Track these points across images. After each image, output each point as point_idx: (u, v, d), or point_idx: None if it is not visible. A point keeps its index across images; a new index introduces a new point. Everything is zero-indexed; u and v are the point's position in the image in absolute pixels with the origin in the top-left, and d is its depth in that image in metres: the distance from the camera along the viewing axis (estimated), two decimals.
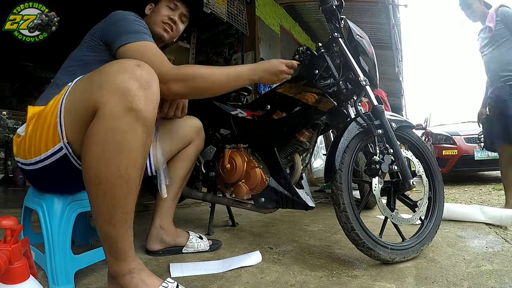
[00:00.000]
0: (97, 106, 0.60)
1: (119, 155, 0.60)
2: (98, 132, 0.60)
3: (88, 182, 0.63)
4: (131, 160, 0.61)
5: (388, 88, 7.16)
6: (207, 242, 1.17)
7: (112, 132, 0.59)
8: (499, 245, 1.18)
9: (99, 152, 0.60)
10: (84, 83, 0.68)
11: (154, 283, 0.68)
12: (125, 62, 0.63)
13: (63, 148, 0.69)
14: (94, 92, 0.61)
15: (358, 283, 0.85)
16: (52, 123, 0.69)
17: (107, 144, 0.59)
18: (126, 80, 0.60)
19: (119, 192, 0.61)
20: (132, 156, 0.61)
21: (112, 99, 0.59)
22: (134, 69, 0.62)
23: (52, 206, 0.82)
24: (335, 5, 1.09)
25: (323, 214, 1.97)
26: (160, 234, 1.11)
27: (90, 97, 0.62)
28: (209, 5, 2.72)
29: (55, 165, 0.71)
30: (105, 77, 0.62)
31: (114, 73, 0.61)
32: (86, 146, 0.62)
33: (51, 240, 0.80)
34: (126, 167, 0.61)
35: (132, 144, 0.61)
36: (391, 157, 1.00)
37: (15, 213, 0.94)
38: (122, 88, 0.59)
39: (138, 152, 0.62)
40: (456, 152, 4.08)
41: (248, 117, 1.28)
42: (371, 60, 1.12)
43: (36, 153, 0.73)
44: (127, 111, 0.59)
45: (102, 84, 0.61)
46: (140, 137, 0.62)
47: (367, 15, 3.92)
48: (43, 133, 0.71)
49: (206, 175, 1.38)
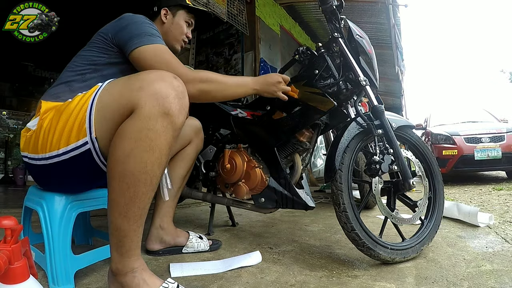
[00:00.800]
0: (135, 106, 0.65)
1: (149, 153, 0.64)
2: (133, 129, 0.64)
3: (113, 176, 0.66)
4: (158, 159, 0.66)
5: (388, 88, 7.16)
6: (207, 242, 1.18)
7: (146, 131, 0.64)
8: (499, 245, 1.18)
9: (130, 148, 0.64)
10: (122, 84, 0.71)
11: (155, 283, 0.69)
12: (164, 73, 0.69)
13: (88, 143, 0.70)
14: (134, 93, 0.66)
15: (358, 283, 0.85)
16: (79, 118, 0.71)
17: (140, 141, 0.64)
18: (165, 87, 0.66)
19: (141, 187, 0.65)
20: (160, 155, 0.66)
21: (150, 101, 0.64)
22: (172, 80, 0.68)
23: (53, 206, 0.82)
24: (335, 5, 1.09)
25: (323, 214, 1.97)
26: (160, 234, 1.11)
27: (129, 97, 0.66)
28: (209, 5, 2.72)
29: (73, 160, 0.72)
30: (145, 82, 0.66)
31: (154, 80, 0.66)
32: (116, 141, 0.66)
33: (51, 240, 0.80)
34: (152, 165, 0.65)
35: (162, 145, 0.66)
36: (391, 157, 1.00)
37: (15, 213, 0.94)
38: (161, 94, 0.65)
39: (165, 152, 0.67)
40: (456, 152, 4.07)
41: (248, 117, 1.28)
42: (371, 60, 1.12)
43: (54, 147, 0.73)
44: (163, 115, 0.65)
45: (142, 87, 0.66)
46: (169, 139, 0.67)
47: (367, 15, 3.92)
48: (66, 128, 0.72)
49: (206, 175, 1.38)
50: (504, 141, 4.00)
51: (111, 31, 0.89)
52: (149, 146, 0.64)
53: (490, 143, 4.02)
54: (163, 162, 0.68)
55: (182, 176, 1.17)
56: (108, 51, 0.89)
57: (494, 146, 3.97)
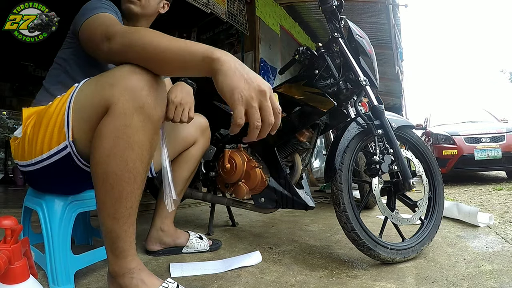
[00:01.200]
0: (108, 103, 0.62)
1: (129, 150, 0.63)
2: (109, 128, 0.62)
3: (96, 177, 0.65)
4: (139, 155, 0.64)
5: (388, 88, 7.16)
6: (207, 242, 1.17)
7: (123, 128, 0.62)
8: (499, 245, 1.18)
9: (109, 147, 0.62)
10: (95, 83, 0.69)
11: (154, 284, 0.68)
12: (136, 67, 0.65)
13: (67, 147, 0.69)
14: (106, 90, 0.63)
15: (358, 283, 0.85)
16: (58, 122, 0.69)
17: (118, 140, 0.62)
18: (136, 80, 0.63)
19: (126, 186, 0.64)
20: (140, 151, 0.64)
21: (123, 97, 0.62)
22: (143, 71, 0.64)
23: (52, 206, 0.82)
24: (335, 5, 1.09)
25: (323, 214, 1.97)
26: (160, 235, 1.11)
27: (102, 95, 0.64)
28: (209, 5, 2.72)
29: (57, 164, 0.71)
30: (117, 77, 0.64)
31: (125, 74, 0.63)
32: (96, 141, 0.64)
33: (51, 240, 0.80)
34: (134, 162, 0.64)
35: (141, 140, 0.64)
36: (391, 157, 1.00)
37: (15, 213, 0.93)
38: (133, 87, 0.62)
39: (146, 148, 0.65)
40: (456, 152, 4.07)
41: None
42: (371, 60, 1.12)
43: (38, 152, 0.73)
44: (138, 109, 0.62)
45: (114, 83, 0.63)
46: (148, 134, 0.65)
47: (367, 15, 3.92)
48: (47, 132, 0.71)
49: (206, 175, 1.38)
50: (504, 141, 4.00)
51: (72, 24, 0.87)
52: (128, 143, 0.62)
53: (490, 143, 4.02)
54: (145, 158, 0.66)
55: (185, 178, 1.14)
56: (71, 44, 0.87)
57: (494, 146, 3.97)
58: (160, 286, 0.68)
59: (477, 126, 4.43)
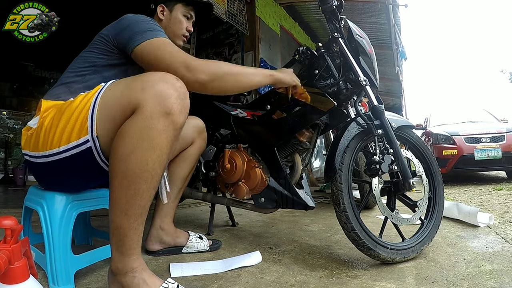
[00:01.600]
0: (137, 106, 0.66)
1: (150, 151, 0.66)
2: (135, 128, 0.66)
3: (115, 174, 0.67)
4: (159, 157, 0.67)
5: (388, 88, 7.16)
6: (207, 242, 1.18)
7: (148, 130, 0.65)
8: (499, 245, 1.18)
9: (131, 146, 0.65)
10: (124, 85, 0.72)
11: (155, 283, 0.69)
12: (166, 74, 0.70)
13: (89, 141, 0.71)
14: (136, 93, 0.67)
15: (358, 283, 0.85)
16: (81, 117, 0.71)
17: (142, 140, 0.65)
18: (167, 88, 0.67)
19: (143, 185, 0.67)
20: (161, 154, 0.67)
21: (152, 101, 0.65)
22: (174, 81, 0.69)
23: (53, 206, 0.82)
24: (335, 5, 1.09)
25: (323, 214, 1.97)
26: (160, 234, 1.11)
27: (131, 97, 0.67)
28: None
29: (73, 158, 0.73)
30: (148, 82, 0.68)
31: (157, 81, 0.68)
32: (119, 139, 0.67)
33: (51, 240, 0.80)
34: (154, 163, 0.67)
35: (163, 144, 0.67)
36: (391, 157, 1.00)
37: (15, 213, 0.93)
38: (163, 94, 0.66)
39: (165, 152, 0.68)
40: (456, 152, 4.07)
41: (248, 117, 1.28)
42: (371, 60, 1.12)
43: (55, 144, 0.73)
44: (164, 114, 0.66)
45: (144, 87, 0.67)
46: (170, 138, 0.68)
47: (367, 15, 3.92)
48: (68, 126, 0.72)
49: (206, 175, 1.38)
50: (504, 141, 4.00)
51: (112, 32, 0.89)
52: (151, 145, 0.65)
53: (490, 143, 4.02)
54: (163, 160, 0.69)
55: (184, 177, 1.16)
56: (108, 53, 0.89)
57: (494, 146, 3.97)
58: (161, 286, 0.69)
59: (477, 126, 4.43)
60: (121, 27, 0.89)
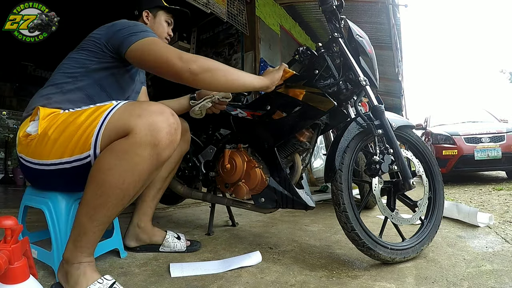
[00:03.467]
0: (130, 129, 0.70)
1: (129, 173, 0.70)
2: (122, 148, 0.70)
3: (91, 181, 0.72)
4: (135, 181, 0.72)
5: (388, 88, 7.16)
6: (185, 242, 1.18)
7: (132, 154, 0.70)
8: (499, 245, 1.19)
9: (114, 163, 0.70)
10: (127, 109, 0.76)
11: (93, 277, 0.73)
12: (164, 108, 0.75)
13: (90, 156, 0.75)
14: (133, 118, 0.72)
15: (358, 283, 0.85)
16: (86, 133, 0.75)
17: (125, 161, 0.70)
18: (160, 121, 0.72)
19: (113, 199, 0.71)
20: (138, 179, 0.72)
21: (144, 130, 0.70)
22: (169, 116, 0.74)
23: (58, 204, 0.86)
24: (335, 5, 1.09)
25: (323, 214, 1.97)
26: (136, 232, 1.15)
27: (127, 122, 0.72)
28: (209, 5, 2.72)
29: (74, 170, 0.77)
30: (145, 111, 0.72)
31: (153, 112, 0.72)
32: (106, 153, 0.72)
33: (58, 237, 0.84)
34: (129, 184, 0.71)
35: (143, 170, 0.72)
36: (391, 157, 1.00)
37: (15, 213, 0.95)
38: (155, 127, 0.71)
39: (143, 178, 0.73)
40: (456, 152, 4.07)
41: (248, 117, 1.28)
42: (371, 60, 1.12)
43: (58, 155, 0.77)
44: (151, 145, 0.70)
45: (141, 115, 0.71)
46: (151, 167, 0.73)
47: (367, 15, 3.92)
48: (73, 139, 0.76)
49: (206, 175, 1.38)
50: (504, 141, 4.00)
51: (104, 36, 0.92)
52: (132, 168, 0.70)
53: (490, 143, 4.02)
54: (139, 185, 0.74)
55: (163, 177, 1.18)
56: (99, 55, 0.92)
57: (494, 146, 3.97)
58: (96, 281, 0.72)
59: (477, 126, 4.42)
60: (115, 30, 0.92)
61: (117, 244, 1.06)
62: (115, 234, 1.05)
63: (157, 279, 0.88)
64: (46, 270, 0.91)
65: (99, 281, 0.72)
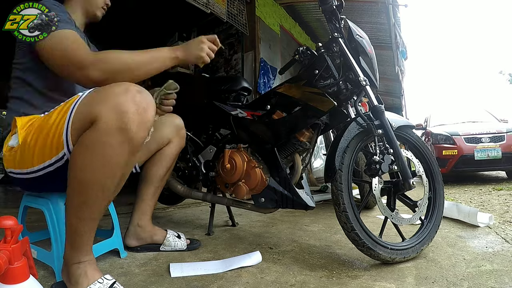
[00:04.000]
0: (94, 118, 0.65)
1: (103, 166, 0.67)
2: (90, 141, 0.66)
3: (69, 179, 0.70)
4: (111, 173, 0.68)
5: (388, 88, 7.15)
6: (185, 241, 1.19)
7: (102, 145, 0.65)
8: (499, 245, 1.19)
9: (86, 158, 0.67)
10: (89, 97, 0.71)
11: (94, 277, 0.73)
12: (129, 86, 0.69)
13: (66, 155, 0.72)
14: (95, 105, 0.67)
15: (358, 283, 0.85)
16: (57, 133, 0.72)
17: (95, 155, 0.66)
18: (125, 102, 0.65)
19: (93, 195, 0.69)
20: (114, 170, 0.68)
21: (109, 115, 0.64)
22: (135, 94, 0.67)
23: (58, 204, 0.87)
24: (335, 5, 1.09)
25: (323, 214, 1.97)
26: (137, 231, 1.14)
27: (91, 110, 0.67)
28: (209, 5, 2.72)
29: (59, 170, 0.75)
30: (108, 95, 0.67)
31: (117, 94, 0.66)
32: (76, 150, 0.68)
33: (58, 237, 0.84)
34: (105, 178, 0.68)
35: (116, 160, 0.67)
36: (391, 157, 1.00)
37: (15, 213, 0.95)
38: (120, 108, 0.65)
39: (120, 167, 0.69)
40: (456, 152, 4.07)
41: (248, 117, 1.28)
42: (371, 60, 1.12)
43: (39, 161, 0.75)
44: (119, 130, 0.65)
45: (103, 100, 0.66)
46: (125, 155, 0.68)
47: (367, 15, 3.92)
48: (47, 142, 0.73)
49: (206, 175, 1.38)
50: (504, 141, 4.00)
51: None
52: (103, 160, 0.66)
53: (490, 143, 4.02)
54: (117, 176, 0.70)
55: (161, 176, 1.17)
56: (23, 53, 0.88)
57: (494, 146, 3.97)
58: (96, 281, 0.72)
59: (477, 126, 4.42)
60: None
61: (117, 244, 1.06)
62: (115, 234, 1.05)
63: (157, 279, 0.88)
64: (46, 270, 0.91)
65: (99, 281, 0.72)
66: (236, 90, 1.44)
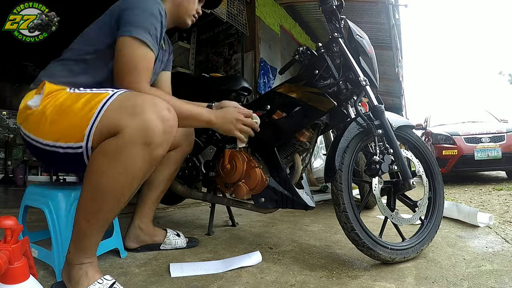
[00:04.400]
0: (121, 128, 0.67)
1: (121, 176, 0.68)
2: (113, 149, 0.67)
3: (87, 185, 0.70)
4: (129, 183, 0.70)
5: (388, 88, 7.16)
6: (184, 239, 1.20)
7: (124, 155, 0.67)
8: (499, 245, 1.19)
9: (106, 166, 0.68)
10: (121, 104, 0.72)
11: (94, 277, 0.73)
12: (159, 102, 0.71)
13: (82, 148, 0.72)
14: (125, 116, 0.68)
15: (358, 283, 0.85)
16: (82, 123, 0.71)
17: (116, 163, 0.67)
18: (154, 119, 0.68)
19: (109, 203, 0.71)
20: (132, 180, 0.70)
21: (136, 128, 0.67)
22: (165, 112, 0.70)
23: (58, 204, 0.87)
24: (335, 5, 1.09)
25: (323, 214, 1.97)
26: (137, 233, 1.14)
27: (119, 120, 0.68)
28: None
29: (66, 156, 0.75)
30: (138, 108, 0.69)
31: (146, 108, 0.68)
32: (97, 154, 0.69)
33: (59, 236, 0.84)
34: (123, 187, 0.70)
35: (136, 172, 0.69)
36: (391, 157, 1.00)
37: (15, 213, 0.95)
38: (147, 124, 0.67)
39: (138, 179, 0.71)
40: (456, 152, 4.07)
41: None
42: (371, 60, 1.12)
43: (53, 137, 0.75)
44: (143, 145, 0.67)
45: (134, 113, 0.68)
46: (145, 169, 0.71)
47: (367, 15, 3.92)
48: (68, 126, 0.73)
49: (206, 175, 1.38)
50: (504, 141, 4.00)
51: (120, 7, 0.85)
52: (124, 170, 0.68)
53: (490, 143, 4.02)
54: (133, 186, 0.72)
55: (165, 179, 1.17)
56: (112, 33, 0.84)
57: (494, 146, 3.97)
58: (96, 282, 0.72)
59: (477, 126, 4.42)
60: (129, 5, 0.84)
61: (117, 244, 1.06)
62: (115, 234, 1.05)
63: (157, 279, 0.88)
64: (46, 270, 0.91)
65: (99, 281, 0.72)
66: (236, 90, 1.44)
